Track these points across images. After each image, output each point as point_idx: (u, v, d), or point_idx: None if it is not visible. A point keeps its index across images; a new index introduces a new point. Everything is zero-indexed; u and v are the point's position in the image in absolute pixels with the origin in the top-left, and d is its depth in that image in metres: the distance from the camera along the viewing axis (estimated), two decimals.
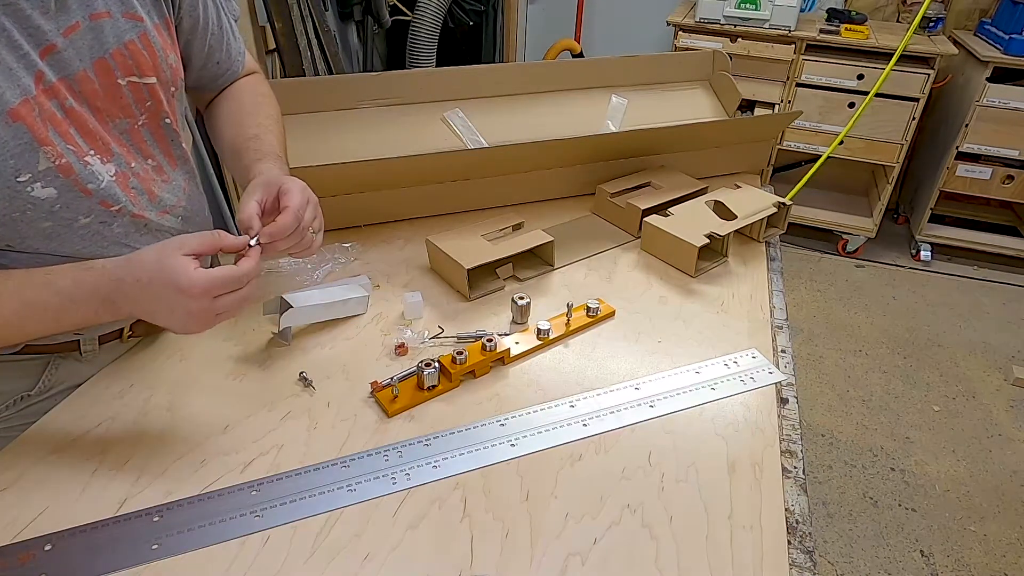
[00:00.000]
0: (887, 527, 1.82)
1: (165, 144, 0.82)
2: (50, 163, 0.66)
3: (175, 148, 0.83)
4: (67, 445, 0.73)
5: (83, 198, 0.71)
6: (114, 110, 0.73)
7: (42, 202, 0.68)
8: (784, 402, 0.84)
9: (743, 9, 2.69)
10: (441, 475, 0.71)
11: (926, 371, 2.40)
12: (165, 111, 0.80)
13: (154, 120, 0.79)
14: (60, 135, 0.67)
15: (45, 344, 0.80)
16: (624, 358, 0.90)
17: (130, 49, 0.73)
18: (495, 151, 1.19)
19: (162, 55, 0.77)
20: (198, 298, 0.64)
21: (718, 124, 1.38)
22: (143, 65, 0.75)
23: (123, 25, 0.72)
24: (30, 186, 0.66)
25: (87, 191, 0.71)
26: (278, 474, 0.70)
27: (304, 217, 0.76)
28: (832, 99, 2.75)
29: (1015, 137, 2.65)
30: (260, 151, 0.85)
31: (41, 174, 0.66)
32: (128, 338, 0.88)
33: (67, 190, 0.69)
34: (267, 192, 0.76)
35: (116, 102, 0.73)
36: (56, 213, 0.69)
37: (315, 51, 2.53)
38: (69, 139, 0.68)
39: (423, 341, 0.90)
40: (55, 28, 0.66)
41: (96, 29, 0.69)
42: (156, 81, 0.77)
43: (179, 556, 0.62)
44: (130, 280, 0.65)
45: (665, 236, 1.09)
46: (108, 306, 0.66)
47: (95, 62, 0.70)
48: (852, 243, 3.07)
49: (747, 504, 0.69)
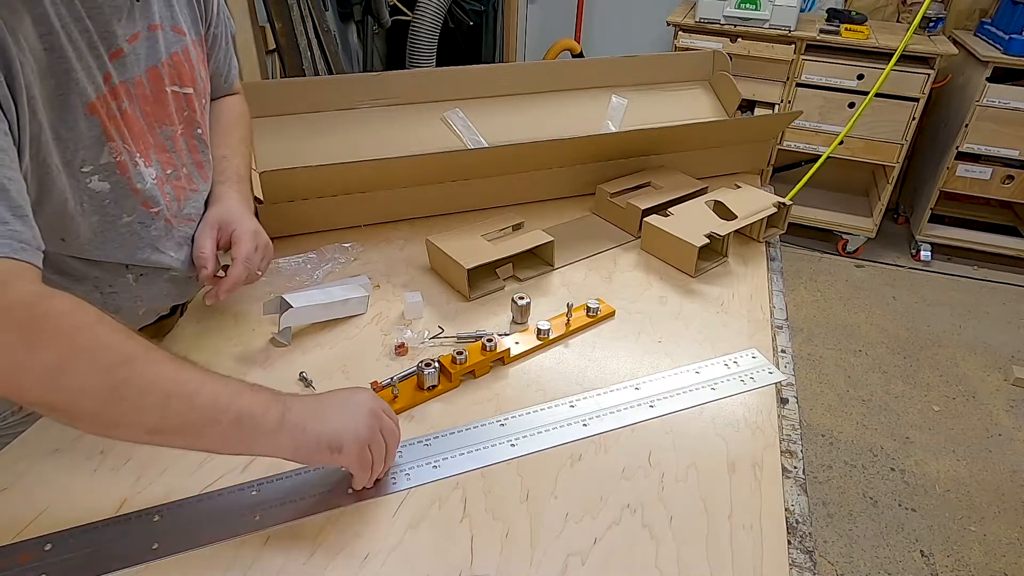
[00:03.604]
0: (887, 527, 1.82)
1: (197, 154, 0.85)
2: (111, 158, 0.70)
3: (205, 160, 0.87)
4: (67, 445, 0.73)
5: (131, 196, 0.74)
6: (161, 115, 0.77)
7: (96, 195, 0.70)
8: (784, 402, 0.84)
9: (743, 9, 2.69)
10: (441, 475, 0.71)
11: (926, 371, 2.40)
12: (198, 122, 0.84)
13: (189, 129, 0.83)
14: (120, 134, 0.70)
15: None
16: (624, 358, 0.90)
17: (175, 60, 0.78)
18: (495, 151, 1.19)
19: (197, 69, 0.83)
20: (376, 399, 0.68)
21: (718, 124, 1.38)
22: (184, 76, 0.80)
23: (171, 38, 0.77)
24: (90, 178, 0.69)
25: (136, 190, 0.74)
26: (278, 474, 0.70)
27: (252, 264, 0.83)
28: (832, 99, 2.74)
29: (1015, 137, 2.65)
30: (226, 172, 0.90)
31: (101, 168, 0.69)
32: None
33: (119, 187, 0.72)
34: (222, 233, 0.84)
35: (163, 108, 0.77)
36: (105, 208, 0.72)
37: (315, 51, 2.53)
38: (126, 139, 0.72)
39: (423, 341, 0.90)
40: (124, 34, 0.70)
41: (152, 39, 0.74)
42: (193, 92, 0.81)
43: (179, 556, 0.62)
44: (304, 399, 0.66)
45: (665, 236, 1.09)
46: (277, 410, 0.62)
47: (148, 69, 0.74)
48: (852, 243, 3.07)
49: (747, 504, 0.69)
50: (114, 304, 0.79)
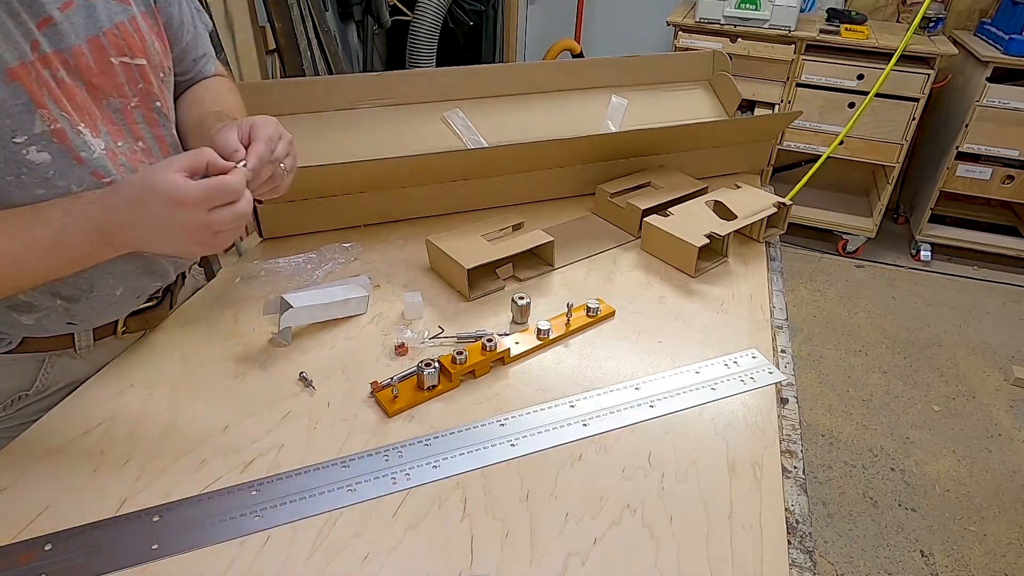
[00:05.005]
0: (887, 527, 1.82)
1: (157, 128, 0.82)
2: (45, 127, 0.67)
3: (167, 134, 0.83)
4: (67, 445, 0.73)
5: (76, 166, 0.71)
6: (108, 87, 0.74)
7: (37, 167, 0.68)
8: (784, 402, 0.84)
9: (743, 9, 2.69)
10: (441, 475, 0.71)
11: (926, 371, 2.40)
12: (156, 95, 0.80)
13: (146, 103, 0.80)
14: (54, 101, 0.68)
15: (40, 339, 0.80)
16: (624, 358, 0.90)
17: (121, 30, 0.75)
18: (495, 151, 1.19)
19: (149, 39, 0.79)
20: (192, 208, 0.63)
21: (718, 124, 1.38)
22: (133, 46, 0.76)
23: (114, 7, 0.74)
24: (25, 148, 0.67)
25: (80, 159, 0.71)
26: (278, 474, 0.70)
27: (277, 149, 0.76)
28: (832, 99, 2.75)
29: (1015, 137, 2.65)
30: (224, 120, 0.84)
31: (36, 137, 0.67)
32: (123, 333, 0.87)
33: (61, 156, 0.69)
34: (240, 128, 0.75)
35: (110, 80, 0.74)
36: (50, 180, 0.69)
37: (315, 51, 2.53)
38: (63, 107, 0.69)
39: (423, 341, 0.90)
40: (53, 2, 0.67)
41: (89, 8, 0.71)
42: (147, 63, 0.78)
43: (179, 556, 0.62)
44: (122, 202, 0.65)
45: (665, 236, 1.09)
46: (103, 235, 0.66)
47: (89, 39, 0.71)
48: (852, 243, 3.07)
49: (747, 504, 0.69)
50: (87, 283, 0.78)
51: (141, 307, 0.89)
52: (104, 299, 0.81)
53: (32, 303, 0.76)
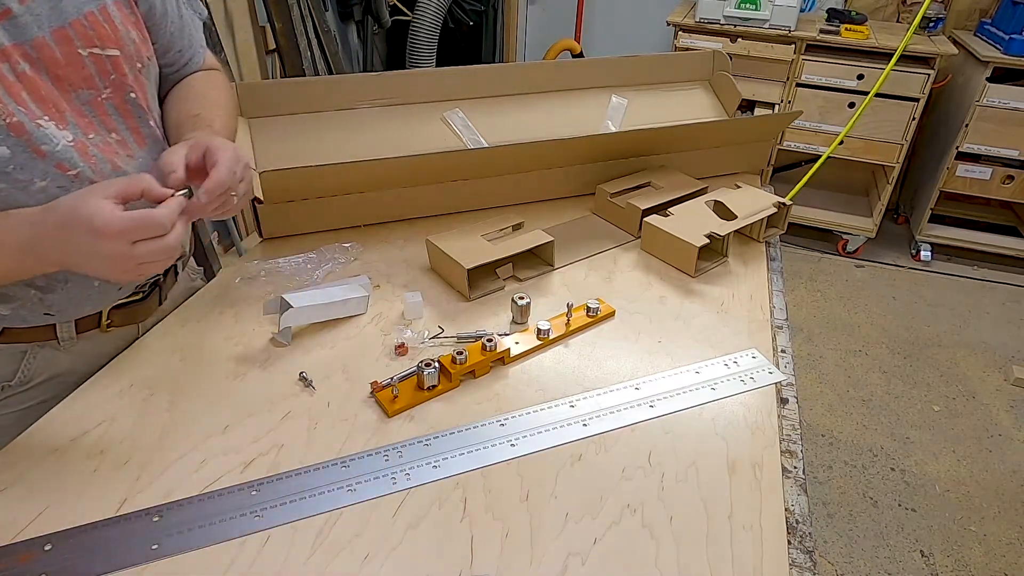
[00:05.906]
0: (887, 527, 1.82)
1: (132, 120, 0.80)
2: (2, 121, 0.66)
3: (143, 126, 0.82)
4: (67, 445, 0.73)
5: (37, 160, 0.70)
6: (76, 80, 0.73)
7: None
8: (784, 402, 0.84)
9: (743, 9, 2.69)
10: (441, 475, 0.71)
11: (926, 371, 2.40)
12: (130, 86, 0.79)
13: (119, 94, 0.78)
14: (11, 96, 0.67)
15: (21, 330, 0.79)
16: (624, 358, 0.90)
17: (90, 20, 0.73)
18: (495, 151, 1.19)
19: (123, 29, 0.77)
20: (113, 240, 0.62)
21: (718, 124, 1.38)
22: (104, 37, 0.75)
23: None
24: None
25: (41, 152, 0.70)
26: (278, 474, 0.70)
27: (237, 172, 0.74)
28: (832, 99, 2.75)
29: (1015, 137, 2.65)
30: (198, 127, 0.83)
31: None
32: (108, 327, 0.86)
33: (20, 150, 0.68)
34: (193, 149, 0.74)
35: (78, 72, 0.73)
36: (10, 174, 0.68)
37: (315, 51, 2.53)
38: (20, 102, 0.68)
39: (423, 341, 0.90)
40: None
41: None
42: (120, 54, 0.76)
43: (179, 556, 0.62)
44: (48, 224, 0.64)
45: (665, 236, 1.09)
46: (31, 255, 0.66)
47: (53, 31, 0.70)
48: (852, 243, 3.07)
49: (747, 504, 0.69)
50: (61, 274, 0.77)
51: (126, 300, 0.87)
52: (80, 290, 0.80)
53: (7, 293, 0.75)
